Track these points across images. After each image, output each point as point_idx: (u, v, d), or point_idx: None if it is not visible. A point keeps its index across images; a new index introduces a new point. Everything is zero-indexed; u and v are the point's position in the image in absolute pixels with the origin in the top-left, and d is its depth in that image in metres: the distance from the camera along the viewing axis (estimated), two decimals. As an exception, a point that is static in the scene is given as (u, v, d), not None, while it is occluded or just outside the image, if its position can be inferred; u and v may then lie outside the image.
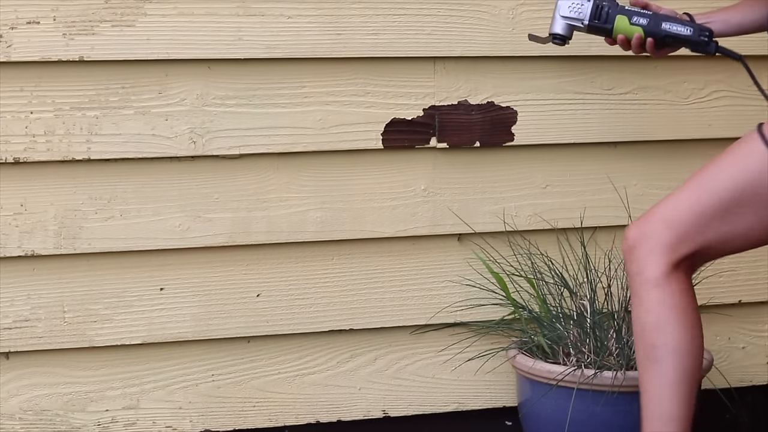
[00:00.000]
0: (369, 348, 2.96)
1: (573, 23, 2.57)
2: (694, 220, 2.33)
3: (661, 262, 2.33)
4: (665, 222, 2.34)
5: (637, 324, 2.36)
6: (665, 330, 2.33)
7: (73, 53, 2.68)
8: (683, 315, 2.34)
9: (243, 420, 2.89)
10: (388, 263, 2.93)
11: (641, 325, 2.35)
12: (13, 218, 2.70)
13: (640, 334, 2.36)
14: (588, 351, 2.80)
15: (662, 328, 2.33)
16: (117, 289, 2.78)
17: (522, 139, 2.96)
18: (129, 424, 2.82)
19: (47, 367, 2.77)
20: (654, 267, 2.33)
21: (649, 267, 2.33)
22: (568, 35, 2.60)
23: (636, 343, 2.38)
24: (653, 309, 2.33)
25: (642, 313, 2.35)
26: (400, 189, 2.91)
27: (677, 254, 2.32)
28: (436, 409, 3.00)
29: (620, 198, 3.00)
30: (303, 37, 2.80)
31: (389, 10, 2.85)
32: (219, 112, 2.78)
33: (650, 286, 2.33)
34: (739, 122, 3.03)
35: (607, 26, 2.55)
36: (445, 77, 2.90)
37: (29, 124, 2.68)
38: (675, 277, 2.33)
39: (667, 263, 2.32)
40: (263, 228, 2.83)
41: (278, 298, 2.88)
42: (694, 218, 2.33)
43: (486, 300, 2.96)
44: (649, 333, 2.34)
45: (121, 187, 2.75)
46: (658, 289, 2.33)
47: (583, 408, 2.74)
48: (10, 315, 2.73)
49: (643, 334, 2.35)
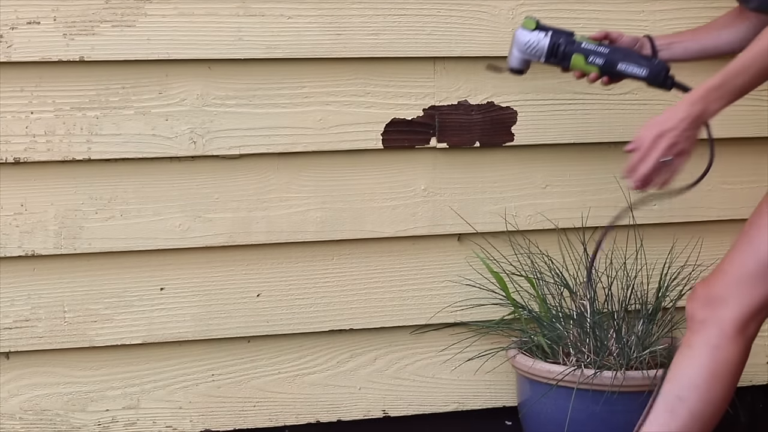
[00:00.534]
0: (369, 348, 2.96)
1: (530, 59, 2.59)
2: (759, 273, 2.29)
3: (727, 325, 2.30)
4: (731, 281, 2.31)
5: (679, 368, 2.33)
6: (699, 394, 2.31)
7: (73, 53, 2.68)
8: (723, 387, 2.31)
9: (243, 420, 2.90)
10: (388, 263, 2.94)
11: (680, 371, 2.32)
12: (13, 218, 2.70)
13: (674, 379, 2.33)
14: (588, 351, 2.80)
15: (698, 391, 2.31)
16: (117, 289, 2.79)
17: (522, 139, 2.96)
18: (129, 424, 2.83)
19: (47, 367, 2.77)
20: (718, 329, 2.30)
21: (714, 328, 2.30)
22: (525, 69, 2.62)
23: (667, 379, 2.35)
24: (700, 370, 2.31)
25: (688, 364, 2.32)
26: (400, 189, 2.91)
27: (746, 313, 2.30)
28: (436, 409, 3.00)
29: (620, 198, 3.00)
30: (303, 37, 2.80)
31: (389, 10, 2.85)
32: (219, 112, 2.78)
33: (709, 347, 2.30)
34: (736, 122, 3.03)
35: (563, 64, 2.57)
36: (445, 77, 2.91)
37: (29, 124, 2.68)
38: (737, 342, 2.30)
39: (734, 326, 2.30)
40: (263, 228, 2.84)
41: (278, 298, 2.88)
42: (759, 271, 2.29)
43: (486, 300, 2.96)
44: (683, 386, 2.32)
45: (121, 187, 2.75)
46: (716, 350, 2.30)
47: (583, 408, 2.75)
48: (11, 315, 2.73)
49: (676, 381, 2.33)
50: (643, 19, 2.99)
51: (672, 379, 2.34)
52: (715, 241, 3.08)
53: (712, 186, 3.09)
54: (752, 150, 3.09)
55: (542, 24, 2.57)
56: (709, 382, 2.31)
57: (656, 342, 2.84)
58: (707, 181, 3.09)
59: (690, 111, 2.25)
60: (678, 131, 2.25)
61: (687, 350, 2.33)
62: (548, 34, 2.55)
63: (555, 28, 2.57)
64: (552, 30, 2.55)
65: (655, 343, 2.83)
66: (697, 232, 3.07)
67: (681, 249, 3.03)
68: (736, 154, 3.09)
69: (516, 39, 2.58)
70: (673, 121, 2.23)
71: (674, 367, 2.35)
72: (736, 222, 3.11)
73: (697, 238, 3.06)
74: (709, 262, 3.04)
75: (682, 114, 2.25)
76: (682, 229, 3.07)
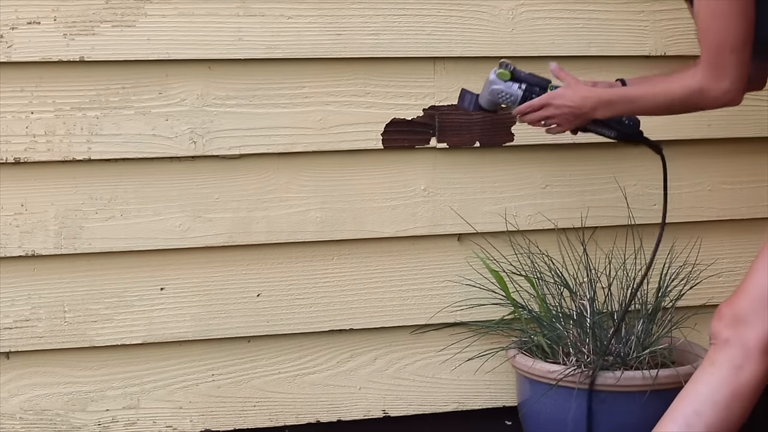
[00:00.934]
0: (369, 348, 2.96)
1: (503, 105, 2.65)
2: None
3: (752, 346, 2.30)
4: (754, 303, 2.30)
5: (698, 383, 2.33)
6: (717, 411, 2.30)
7: (73, 53, 2.68)
8: (742, 408, 2.31)
9: (243, 420, 2.90)
10: (388, 263, 2.94)
11: (700, 387, 2.32)
12: (13, 218, 2.70)
13: (694, 393, 2.33)
14: (588, 351, 2.80)
15: (716, 408, 2.30)
16: (117, 288, 2.79)
17: (522, 139, 2.96)
18: (129, 424, 2.83)
19: (48, 367, 2.77)
20: (742, 349, 2.30)
21: (738, 347, 2.31)
22: (498, 110, 2.69)
23: (685, 393, 2.34)
24: (721, 387, 2.30)
25: (709, 380, 2.32)
26: (400, 189, 2.91)
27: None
28: (436, 409, 3.00)
29: (620, 198, 3.00)
30: (303, 37, 2.80)
31: (389, 10, 2.85)
32: (219, 113, 2.78)
33: (732, 366, 2.30)
34: (736, 122, 3.03)
35: None
36: (445, 77, 2.91)
37: (30, 125, 2.68)
38: (760, 362, 2.30)
39: (758, 347, 2.30)
40: (263, 228, 2.84)
41: (278, 298, 2.88)
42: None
43: (486, 300, 2.96)
44: (702, 401, 2.31)
45: (121, 187, 2.76)
46: (740, 370, 2.30)
47: (583, 407, 2.74)
48: (11, 315, 2.73)
49: (696, 396, 2.32)
50: (643, 19, 2.99)
51: (690, 393, 2.33)
52: (715, 241, 3.08)
53: (712, 186, 3.09)
54: (752, 150, 3.09)
55: (517, 73, 2.61)
56: (728, 399, 2.30)
57: (656, 342, 2.84)
58: (707, 181, 3.11)
59: (580, 106, 2.56)
60: (560, 113, 2.58)
61: (709, 367, 2.33)
62: (522, 86, 2.61)
63: (529, 80, 2.61)
64: (527, 83, 2.61)
65: (655, 343, 2.83)
66: (696, 232, 3.08)
67: (681, 249, 3.03)
68: (736, 154, 3.09)
69: (489, 86, 2.63)
70: (565, 100, 2.56)
71: (693, 382, 2.34)
72: (735, 222, 3.11)
73: (697, 237, 3.06)
74: (708, 261, 3.05)
75: (573, 103, 2.56)
76: (681, 229, 3.07)
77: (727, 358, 2.31)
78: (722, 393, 2.30)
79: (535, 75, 2.63)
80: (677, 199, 3.08)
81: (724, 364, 2.31)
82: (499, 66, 2.63)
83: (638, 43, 2.98)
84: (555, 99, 2.57)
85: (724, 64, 2.44)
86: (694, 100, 2.49)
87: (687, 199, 3.09)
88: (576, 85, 2.58)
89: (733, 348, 2.31)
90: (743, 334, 2.31)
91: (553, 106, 2.57)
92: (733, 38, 2.42)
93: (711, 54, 2.44)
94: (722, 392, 2.30)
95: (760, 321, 2.30)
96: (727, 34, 2.42)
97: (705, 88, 2.46)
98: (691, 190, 3.10)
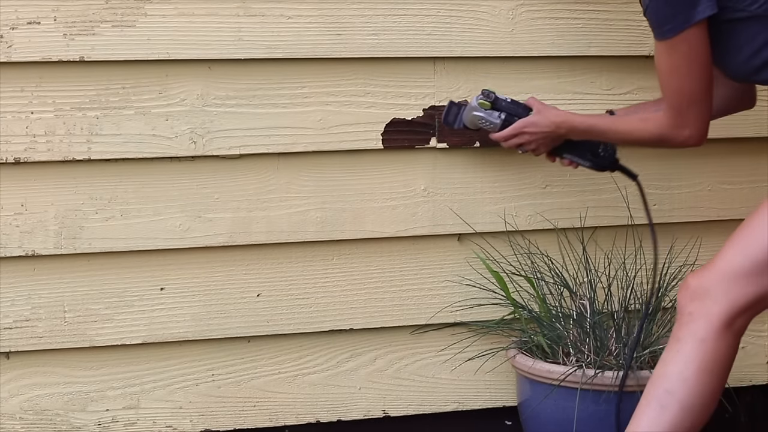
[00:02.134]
0: (369, 348, 2.96)
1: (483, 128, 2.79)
2: (750, 271, 2.30)
3: (715, 320, 2.30)
4: (722, 277, 2.31)
5: (665, 364, 2.33)
6: (688, 386, 2.30)
7: (73, 53, 2.68)
8: (713, 380, 2.31)
9: (243, 420, 2.90)
10: (388, 263, 2.94)
11: (668, 366, 2.33)
12: (13, 218, 2.70)
13: (663, 374, 2.33)
14: (588, 351, 2.80)
15: (686, 383, 2.31)
16: (117, 288, 2.78)
17: (522, 139, 2.96)
18: (129, 424, 2.83)
19: (48, 367, 2.77)
20: (706, 323, 2.30)
21: (701, 321, 2.31)
22: (479, 130, 2.81)
23: (654, 376, 2.35)
24: (688, 362, 2.31)
25: (674, 358, 2.32)
26: (400, 189, 2.91)
27: (734, 310, 2.30)
28: (436, 409, 3.00)
29: (620, 198, 3.00)
30: (303, 37, 2.80)
31: (389, 10, 2.85)
32: (219, 113, 2.78)
33: (696, 340, 2.30)
34: (736, 122, 3.03)
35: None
36: (445, 77, 2.91)
37: (30, 125, 2.68)
38: (724, 337, 2.30)
39: (722, 320, 2.30)
40: (263, 228, 2.84)
41: (278, 298, 2.88)
42: (750, 269, 2.30)
43: (486, 300, 2.96)
44: (671, 380, 2.32)
45: (121, 187, 2.75)
46: (703, 344, 2.30)
47: (583, 407, 2.75)
48: (11, 315, 2.73)
49: (665, 376, 2.32)
50: (642, 20, 2.97)
51: (660, 374, 2.34)
52: (714, 241, 3.08)
53: (712, 186, 3.09)
54: (752, 150, 3.09)
55: (498, 103, 2.74)
56: (697, 374, 2.30)
57: (656, 342, 2.84)
58: (707, 181, 3.11)
59: (553, 129, 2.71)
60: (534, 138, 2.72)
61: (675, 344, 2.34)
62: (501, 116, 2.73)
63: (509, 110, 2.74)
64: (506, 112, 2.73)
65: (655, 343, 2.83)
66: (696, 232, 3.08)
67: (680, 249, 3.04)
68: (736, 154, 3.09)
69: (470, 111, 2.76)
70: (537, 127, 2.71)
71: (662, 362, 2.35)
72: (735, 222, 3.09)
73: (696, 237, 3.06)
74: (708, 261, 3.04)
75: (545, 129, 2.71)
76: (681, 229, 3.07)
77: (690, 333, 2.31)
78: (691, 369, 2.30)
79: (517, 102, 2.75)
80: (677, 199, 3.08)
81: (688, 339, 2.32)
82: (481, 94, 2.75)
83: (638, 43, 2.98)
84: (527, 127, 2.71)
85: (684, 115, 2.52)
86: (659, 144, 2.60)
87: (687, 199, 3.09)
88: (545, 111, 2.72)
89: (697, 321, 2.31)
90: (707, 307, 2.31)
91: (527, 134, 2.72)
92: (691, 93, 2.49)
93: (671, 106, 2.52)
94: (690, 368, 2.30)
95: (724, 296, 2.30)
96: (685, 90, 2.49)
97: (667, 136, 2.56)
98: (691, 190, 3.10)
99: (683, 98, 2.49)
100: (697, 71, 2.46)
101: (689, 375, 2.31)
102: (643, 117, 2.65)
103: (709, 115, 2.54)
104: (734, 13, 2.42)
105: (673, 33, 2.42)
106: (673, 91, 2.50)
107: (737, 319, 2.32)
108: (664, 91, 2.52)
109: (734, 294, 2.31)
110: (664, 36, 2.44)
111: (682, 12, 2.40)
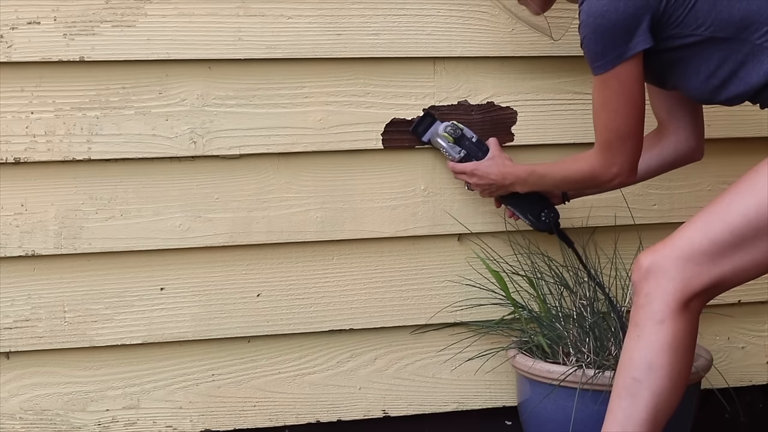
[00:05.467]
0: (369, 348, 2.96)
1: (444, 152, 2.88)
2: (709, 252, 2.26)
3: (671, 300, 2.26)
4: (680, 255, 2.27)
5: (628, 352, 2.30)
6: (654, 370, 2.28)
7: (73, 53, 2.68)
8: (678, 360, 2.28)
9: (243, 420, 2.90)
10: (388, 263, 2.94)
11: (631, 354, 2.30)
12: (13, 218, 2.70)
13: (628, 363, 2.30)
14: (588, 351, 2.80)
15: (652, 367, 2.28)
16: (117, 288, 2.79)
17: (522, 139, 2.96)
18: (129, 424, 2.83)
19: (48, 367, 2.77)
20: (662, 304, 2.27)
21: (657, 302, 2.27)
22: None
23: (620, 367, 2.32)
24: (650, 346, 2.27)
25: (636, 345, 2.29)
26: (400, 189, 2.91)
27: (690, 290, 2.27)
28: (436, 409, 3.01)
29: (620, 198, 3.00)
30: (303, 37, 2.80)
31: (389, 10, 2.85)
32: (219, 113, 2.78)
33: (654, 322, 2.27)
34: (736, 122, 3.03)
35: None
36: (445, 77, 2.91)
37: (30, 125, 2.68)
38: (682, 316, 2.27)
39: (678, 300, 2.26)
40: (263, 228, 2.84)
41: (278, 298, 2.88)
42: (710, 250, 2.26)
43: (486, 300, 2.96)
44: (637, 367, 2.29)
45: (121, 187, 2.76)
46: (662, 326, 2.26)
47: (583, 407, 2.75)
48: (11, 315, 2.73)
49: (630, 364, 2.30)
50: (642, 19, 2.99)
51: (625, 363, 2.30)
52: (715, 241, 3.08)
53: (712, 186, 3.09)
54: (752, 150, 3.09)
55: (461, 140, 2.83)
56: (661, 356, 2.27)
57: (656, 342, 2.84)
58: (707, 181, 3.11)
59: (500, 180, 2.80)
60: (482, 182, 2.82)
61: (634, 330, 2.30)
62: (461, 152, 2.84)
63: (470, 150, 2.83)
64: (467, 151, 2.83)
65: (655, 343, 2.83)
66: (696, 232, 3.07)
67: (680, 249, 3.03)
68: (736, 154, 3.09)
69: (436, 135, 2.85)
70: (485, 174, 2.81)
71: (625, 350, 2.32)
72: (735, 222, 3.11)
73: (697, 238, 3.05)
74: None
75: (493, 178, 2.80)
76: (681, 229, 3.07)
77: (648, 316, 2.28)
78: (654, 351, 2.27)
79: (480, 144, 2.84)
80: (677, 199, 3.08)
81: (647, 323, 2.28)
82: (450, 125, 2.82)
83: (638, 43, 2.98)
84: (478, 170, 2.81)
85: (613, 151, 2.49)
86: (590, 182, 2.60)
87: (687, 199, 3.09)
88: (499, 159, 2.80)
89: (653, 303, 2.27)
90: (662, 286, 2.27)
91: (477, 176, 2.81)
92: (621, 128, 2.47)
93: (601, 141, 2.51)
94: (654, 350, 2.27)
95: (680, 274, 2.26)
96: (615, 125, 2.47)
97: (596, 173, 2.55)
98: (691, 190, 3.10)
99: (611, 134, 2.47)
100: (627, 108, 2.44)
101: (654, 359, 2.27)
102: (575, 157, 2.64)
103: (638, 154, 2.51)
104: (683, 39, 2.40)
105: (604, 69, 2.41)
106: (603, 126, 2.48)
107: (693, 300, 2.28)
108: (595, 126, 2.50)
109: (690, 273, 2.26)
110: (595, 71, 2.43)
111: (615, 48, 2.38)
